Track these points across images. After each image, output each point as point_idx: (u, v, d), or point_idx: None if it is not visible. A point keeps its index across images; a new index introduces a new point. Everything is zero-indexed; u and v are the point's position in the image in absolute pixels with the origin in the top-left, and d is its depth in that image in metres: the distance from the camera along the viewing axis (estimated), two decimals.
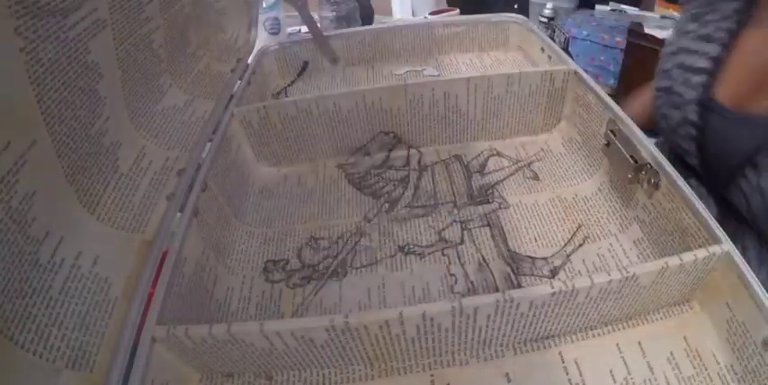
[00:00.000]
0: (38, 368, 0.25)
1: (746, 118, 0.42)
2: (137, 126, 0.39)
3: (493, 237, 0.43)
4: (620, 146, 0.42)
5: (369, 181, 0.51)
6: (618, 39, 1.68)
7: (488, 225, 0.44)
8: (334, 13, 0.85)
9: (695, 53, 0.47)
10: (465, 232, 0.44)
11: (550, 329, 0.34)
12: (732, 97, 0.44)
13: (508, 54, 0.68)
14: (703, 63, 0.46)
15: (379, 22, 1.02)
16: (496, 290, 0.38)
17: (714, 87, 0.45)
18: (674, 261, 0.30)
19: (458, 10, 0.89)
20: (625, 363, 0.32)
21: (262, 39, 0.77)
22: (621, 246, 0.41)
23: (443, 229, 0.45)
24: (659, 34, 1.49)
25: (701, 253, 0.31)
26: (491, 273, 0.40)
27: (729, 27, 0.45)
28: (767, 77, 0.42)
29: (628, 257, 0.40)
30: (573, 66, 0.50)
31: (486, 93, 0.51)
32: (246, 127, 0.51)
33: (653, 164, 0.38)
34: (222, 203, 0.45)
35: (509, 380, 0.32)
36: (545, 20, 1.73)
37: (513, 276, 0.39)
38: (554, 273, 0.39)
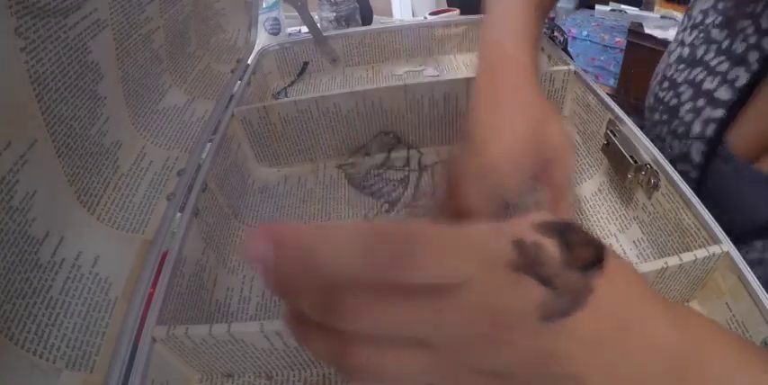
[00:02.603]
0: (38, 368, 0.25)
1: (764, 177, 0.33)
2: (137, 126, 0.39)
3: None
4: (619, 146, 0.42)
5: (369, 181, 0.51)
6: (618, 39, 1.68)
7: None
8: (334, 14, 0.85)
9: (718, 75, 0.36)
10: None
11: None
12: (746, 145, 0.34)
13: None
14: (726, 93, 0.35)
15: (379, 22, 1.02)
16: None
17: (730, 128, 0.35)
18: (673, 261, 0.30)
19: (458, 10, 0.89)
20: None
21: (262, 39, 0.77)
22: (621, 246, 0.41)
23: None
24: (659, 34, 1.49)
25: (701, 253, 0.31)
26: None
27: (765, 46, 0.33)
28: None
29: (628, 257, 0.40)
30: (573, 66, 0.50)
31: None
32: (246, 127, 0.51)
33: (652, 164, 0.38)
34: (222, 203, 0.45)
35: None
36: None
37: None
38: None
